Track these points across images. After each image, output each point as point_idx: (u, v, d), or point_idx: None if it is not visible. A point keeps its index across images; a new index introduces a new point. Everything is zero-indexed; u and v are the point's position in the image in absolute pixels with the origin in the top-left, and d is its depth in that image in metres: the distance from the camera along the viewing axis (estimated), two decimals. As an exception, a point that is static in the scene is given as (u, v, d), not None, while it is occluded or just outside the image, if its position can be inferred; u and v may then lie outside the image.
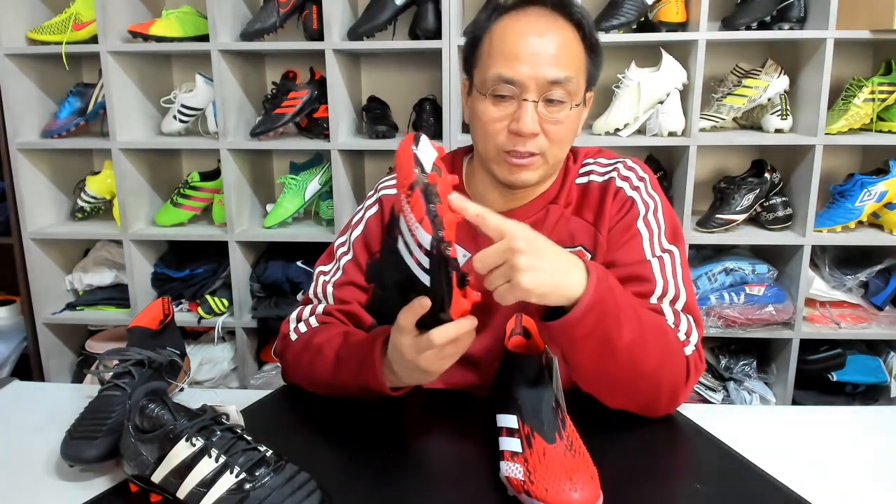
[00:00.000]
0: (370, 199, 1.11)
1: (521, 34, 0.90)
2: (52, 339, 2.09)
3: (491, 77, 0.91)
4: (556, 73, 0.89)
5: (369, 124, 1.93)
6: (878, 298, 1.88)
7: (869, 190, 1.83)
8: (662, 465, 0.85)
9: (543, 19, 0.91)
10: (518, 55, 0.89)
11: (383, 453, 0.84)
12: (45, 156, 2.04)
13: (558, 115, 0.91)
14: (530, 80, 0.89)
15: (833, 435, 0.90)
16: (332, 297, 1.05)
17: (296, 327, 1.04)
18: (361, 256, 1.07)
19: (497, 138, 0.93)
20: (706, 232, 1.87)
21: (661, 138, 1.81)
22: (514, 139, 0.92)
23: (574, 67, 0.92)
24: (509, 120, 0.92)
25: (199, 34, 1.88)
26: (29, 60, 1.96)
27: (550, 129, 0.92)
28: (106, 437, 0.81)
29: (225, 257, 1.98)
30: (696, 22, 1.75)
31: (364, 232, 1.08)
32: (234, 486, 0.68)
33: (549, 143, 0.92)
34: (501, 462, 0.75)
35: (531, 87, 0.89)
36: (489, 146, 0.95)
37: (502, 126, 0.92)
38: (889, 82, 1.80)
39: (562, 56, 0.90)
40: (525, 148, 0.91)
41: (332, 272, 1.08)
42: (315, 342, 0.97)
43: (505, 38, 0.91)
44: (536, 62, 0.89)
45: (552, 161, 0.95)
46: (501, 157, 0.94)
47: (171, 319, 1.06)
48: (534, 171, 0.94)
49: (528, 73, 0.89)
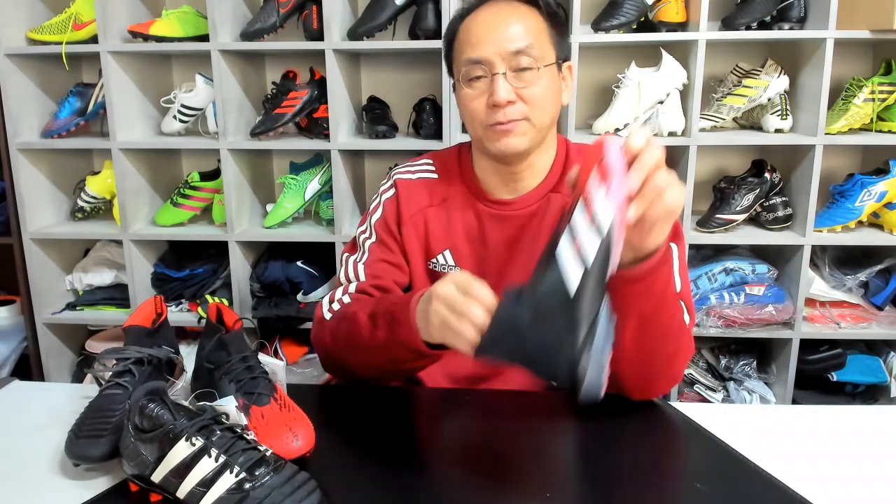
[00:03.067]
0: (386, 184, 1.15)
1: (482, 21, 1.00)
2: (52, 339, 2.09)
3: (462, 64, 1.00)
4: (517, 44, 0.97)
5: (369, 124, 1.93)
6: (878, 298, 1.88)
7: (869, 190, 1.83)
8: (662, 465, 0.85)
9: (501, 8, 1.01)
10: (480, 38, 0.99)
11: (383, 453, 0.84)
12: (45, 156, 2.04)
13: (529, 79, 0.98)
14: (495, 55, 0.97)
15: (833, 435, 0.90)
16: (364, 275, 1.08)
17: (329, 308, 1.06)
18: (385, 238, 1.11)
19: (480, 115, 1.00)
20: (706, 232, 1.86)
21: (661, 138, 1.81)
22: (494, 111, 0.98)
23: (533, 35, 0.99)
24: (486, 96, 0.98)
25: (199, 34, 1.88)
26: (29, 60, 1.96)
27: (526, 93, 0.98)
28: (111, 436, 0.81)
29: (225, 257, 1.98)
30: (696, 22, 1.75)
31: (383, 214, 1.12)
32: (234, 485, 0.68)
33: (529, 108, 0.98)
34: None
35: (497, 61, 0.97)
36: (476, 125, 1.02)
37: (481, 103, 0.99)
38: (889, 82, 1.80)
39: (520, 29, 0.98)
40: (506, 117, 0.98)
41: (360, 256, 1.11)
42: (350, 311, 1.00)
43: (470, 30, 1.01)
44: (497, 39, 0.97)
45: (538, 124, 1.00)
46: (488, 131, 1.00)
47: (164, 318, 1.06)
48: (520, 135, 0.99)
49: (493, 50, 0.97)
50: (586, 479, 0.81)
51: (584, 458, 0.86)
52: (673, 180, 0.75)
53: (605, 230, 0.69)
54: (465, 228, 1.09)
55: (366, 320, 0.95)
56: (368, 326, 0.94)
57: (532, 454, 0.86)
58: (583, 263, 0.69)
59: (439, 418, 0.96)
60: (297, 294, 1.97)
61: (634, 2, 1.78)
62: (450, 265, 1.09)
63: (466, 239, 1.09)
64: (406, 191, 1.11)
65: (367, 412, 0.94)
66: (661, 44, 1.83)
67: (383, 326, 0.91)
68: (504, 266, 1.08)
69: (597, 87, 2.04)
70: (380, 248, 1.10)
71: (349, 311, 1.00)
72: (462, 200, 1.09)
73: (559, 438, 0.91)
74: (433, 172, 1.13)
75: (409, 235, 1.09)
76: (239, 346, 0.93)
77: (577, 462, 0.85)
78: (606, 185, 0.70)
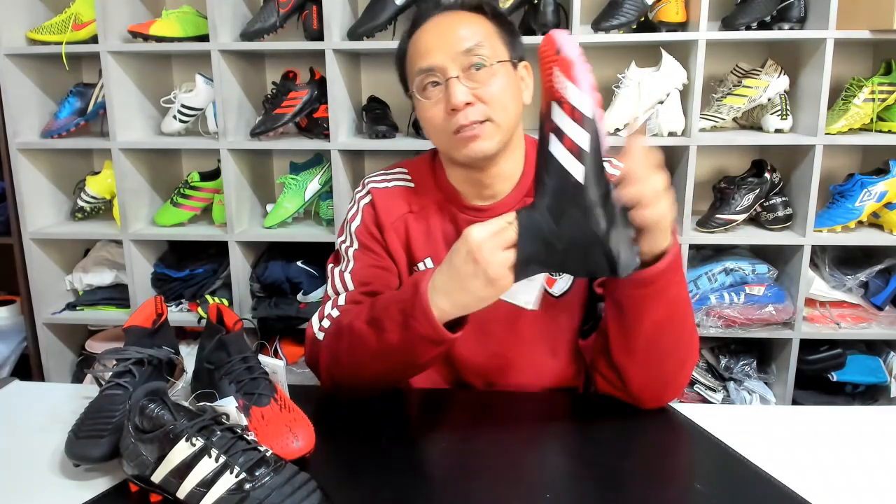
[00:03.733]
0: (361, 191, 1.13)
1: (430, 31, 1.00)
2: (52, 339, 2.08)
3: (416, 74, 0.99)
4: (465, 44, 0.96)
5: (369, 124, 1.93)
6: (878, 298, 1.88)
7: (869, 190, 1.83)
8: (662, 465, 0.85)
9: (446, 17, 1.02)
10: (430, 46, 0.98)
11: (383, 453, 0.84)
12: (45, 156, 2.04)
13: (483, 78, 0.97)
14: (446, 59, 0.96)
15: (833, 435, 0.90)
16: (353, 283, 1.05)
17: (321, 326, 1.02)
18: (368, 243, 1.08)
19: (442, 124, 0.98)
20: (706, 232, 1.87)
21: (661, 138, 1.81)
22: (455, 116, 0.96)
23: (482, 35, 0.98)
24: (444, 103, 0.97)
25: (199, 34, 1.88)
26: (29, 60, 1.96)
27: (482, 93, 0.96)
28: (111, 436, 0.81)
29: (225, 257, 1.98)
30: (696, 22, 1.75)
31: (363, 220, 1.10)
32: (234, 486, 0.68)
33: (490, 108, 0.97)
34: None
35: (449, 65, 0.96)
36: (440, 135, 1.00)
37: (440, 111, 0.98)
38: (889, 82, 1.81)
39: (466, 31, 0.98)
40: (467, 119, 0.96)
41: (345, 265, 1.08)
42: (344, 324, 0.95)
43: (417, 42, 1.01)
44: (446, 44, 0.97)
45: (503, 124, 0.99)
46: (454, 140, 0.98)
47: (164, 318, 1.06)
48: (488, 138, 0.98)
49: (443, 55, 0.97)
50: (586, 479, 0.81)
51: (584, 458, 0.86)
52: (658, 183, 0.78)
53: (589, 116, 0.72)
54: (445, 236, 1.07)
55: (366, 329, 0.90)
56: (372, 334, 0.89)
57: (532, 454, 0.86)
58: (578, 153, 0.73)
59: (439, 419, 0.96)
60: (297, 294, 1.97)
61: (634, 2, 1.78)
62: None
63: (446, 245, 1.06)
64: (383, 198, 1.09)
65: (367, 412, 0.94)
66: (661, 44, 1.83)
67: (392, 328, 0.86)
68: None
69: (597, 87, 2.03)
70: (364, 254, 1.08)
71: (343, 324, 0.95)
72: (439, 209, 1.08)
73: (559, 439, 0.91)
74: (408, 181, 1.11)
75: (393, 241, 1.08)
76: (239, 347, 0.93)
77: (577, 462, 0.85)
78: (573, 77, 0.72)
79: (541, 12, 1.78)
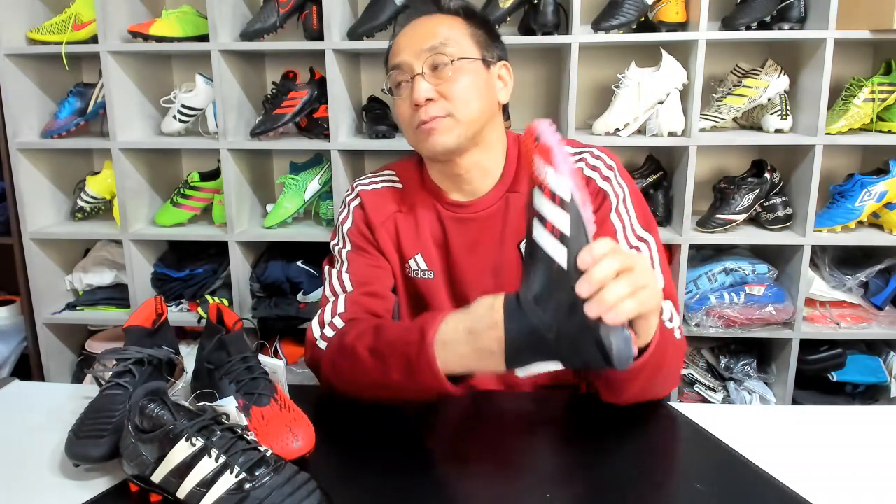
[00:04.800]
0: (351, 194, 1.16)
1: (404, 34, 1.06)
2: (52, 339, 2.08)
3: (388, 71, 1.05)
4: (430, 42, 1.00)
5: (369, 124, 1.93)
6: (878, 298, 1.88)
7: (869, 190, 1.83)
8: (662, 465, 0.85)
9: (422, 20, 1.06)
10: (400, 46, 1.03)
11: (383, 453, 0.84)
12: (45, 156, 2.04)
13: (447, 75, 1.00)
14: (411, 56, 1.01)
15: (833, 435, 0.90)
16: (351, 284, 1.06)
17: (322, 333, 1.02)
18: (361, 243, 1.10)
19: (408, 119, 1.03)
20: (706, 232, 1.86)
21: (661, 138, 1.81)
22: (417, 112, 1.00)
23: (446, 34, 1.02)
24: (409, 99, 1.01)
25: (199, 34, 1.88)
26: (29, 60, 1.96)
27: (446, 89, 0.99)
28: (111, 436, 0.81)
29: (225, 257, 1.98)
30: (696, 22, 1.75)
31: (354, 221, 1.12)
32: (234, 486, 0.68)
33: (451, 104, 1.00)
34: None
35: (414, 62, 1.00)
36: (407, 130, 1.05)
37: (407, 107, 1.03)
38: (889, 82, 1.80)
39: (432, 29, 1.02)
40: (427, 115, 0.99)
41: (340, 266, 1.09)
42: (347, 343, 0.94)
43: (394, 44, 1.06)
44: (414, 42, 1.02)
45: (464, 119, 1.00)
46: (416, 133, 1.02)
47: (164, 318, 1.06)
48: (446, 133, 1.00)
49: (410, 53, 1.01)
50: (586, 479, 0.81)
51: (584, 458, 0.85)
52: (639, 279, 0.70)
53: (569, 199, 0.71)
54: (431, 232, 1.09)
55: (369, 358, 0.89)
56: (375, 365, 0.88)
57: (532, 454, 0.86)
58: (561, 237, 0.71)
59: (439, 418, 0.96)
60: (297, 294, 1.97)
61: (634, 2, 1.78)
62: (423, 269, 1.09)
63: (433, 242, 1.09)
64: (371, 199, 1.12)
65: (367, 412, 0.94)
66: (661, 44, 1.83)
67: (396, 369, 0.85)
68: (468, 268, 1.08)
69: (597, 87, 2.04)
70: (358, 255, 1.09)
71: (346, 343, 0.94)
72: (425, 206, 1.10)
73: (559, 438, 0.91)
74: (396, 182, 1.14)
75: (384, 240, 1.09)
76: (239, 347, 0.93)
77: (577, 462, 0.85)
78: (552, 163, 0.72)
79: (541, 12, 1.78)
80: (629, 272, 0.70)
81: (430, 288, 1.10)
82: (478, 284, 1.07)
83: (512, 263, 1.06)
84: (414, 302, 1.12)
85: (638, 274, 0.71)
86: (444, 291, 1.10)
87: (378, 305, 1.05)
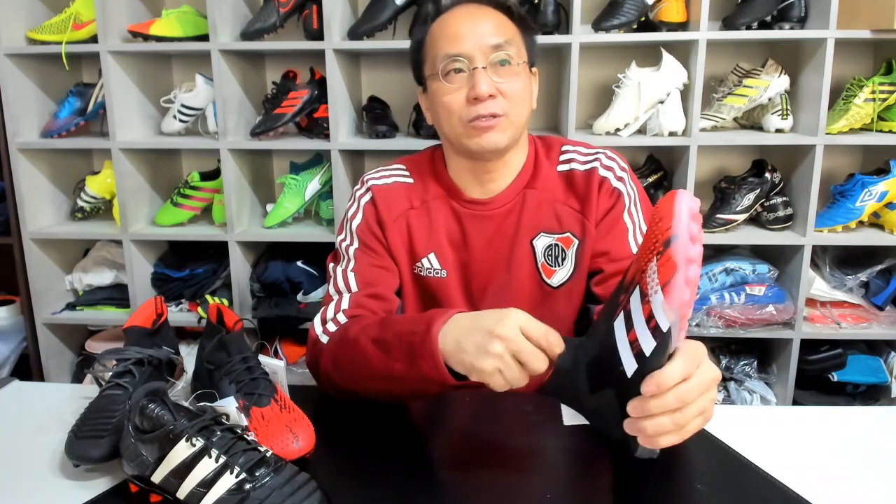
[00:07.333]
0: (361, 189, 1.13)
1: (459, 18, 1.02)
2: (52, 339, 2.08)
3: (441, 58, 1.00)
4: (495, 39, 0.99)
5: (369, 124, 1.93)
6: (879, 298, 1.88)
7: (869, 190, 1.83)
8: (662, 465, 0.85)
9: (477, 8, 1.03)
10: (459, 33, 0.99)
11: (383, 453, 0.84)
12: (45, 156, 2.03)
13: (509, 74, 0.99)
14: (475, 49, 0.98)
15: (833, 435, 0.90)
16: (356, 284, 1.04)
17: (324, 329, 1.01)
18: (370, 242, 1.08)
19: (459, 112, 1.00)
20: (706, 232, 1.86)
21: (662, 138, 1.81)
22: (475, 106, 0.98)
23: (510, 34, 1.01)
24: (465, 91, 0.99)
25: (199, 34, 1.88)
26: (29, 60, 1.96)
27: (506, 88, 0.99)
28: (111, 437, 0.81)
29: (225, 257, 1.97)
30: (696, 22, 1.74)
31: (364, 218, 1.10)
32: (234, 486, 0.68)
33: (508, 103, 0.99)
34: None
35: (477, 56, 0.98)
36: (454, 122, 1.01)
37: (459, 98, 0.99)
38: (889, 82, 1.80)
39: (496, 26, 1.00)
40: (487, 111, 0.98)
41: (346, 264, 1.08)
42: (350, 335, 0.93)
43: (444, 27, 1.02)
44: (477, 34, 0.99)
45: (516, 121, 1.01)
46: (468, 128, 1.00)
47: (164, 318, 1.06)
48: (501, 132, 0.99)
49: (473, 45, 0.98)
50: (586, 479, 0.81)
51: (584, 458, 0.85)
52: (688, 416, 0.67)
53: (665, 330, 0.63)
54: (447, 230, 1.08)
55: (372, 348, 0.88)
56: (378, 356, 0.87)
57: (532, 454, 0.86)
58: (638, 353, 0.66)
59: (439, 419, 0.96)
60: (297, 294, 1.97)
61: (635, 2, 1.77)
62: (435, 268, 1.08)
63: (449, 240, 1.08)
64: (383, 195, 1.10)
65: (367, 413, 0.94)
66: (661, 44, 1.83)
67: (400, 358, 0.84)
68: (482, 264, 1.08)
69: (597, 87, 2.03)
70: (366, 254, 1.07)
71: (348, 335, 0.94)
72: (440, 202, 1.09)
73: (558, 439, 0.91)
74: (407, 176, 1.12)
75: (395, 239, 1.08)
76: (239, 347, 0.93)
77: (577, 463, 0.85)
78: (668, 289, 0.61)
79: (541, 12, 1.79)
80: (683, 409, 0.66)
81: (441, 286, 1.09)
82: (490, 279, 1.07)
83: (523, 258, 1.06)
84: (423, 300, 1.11)
85: (688, 412, 0.67)
86: (456, 289, 1.09)
87: (382, 308, 1.04)
